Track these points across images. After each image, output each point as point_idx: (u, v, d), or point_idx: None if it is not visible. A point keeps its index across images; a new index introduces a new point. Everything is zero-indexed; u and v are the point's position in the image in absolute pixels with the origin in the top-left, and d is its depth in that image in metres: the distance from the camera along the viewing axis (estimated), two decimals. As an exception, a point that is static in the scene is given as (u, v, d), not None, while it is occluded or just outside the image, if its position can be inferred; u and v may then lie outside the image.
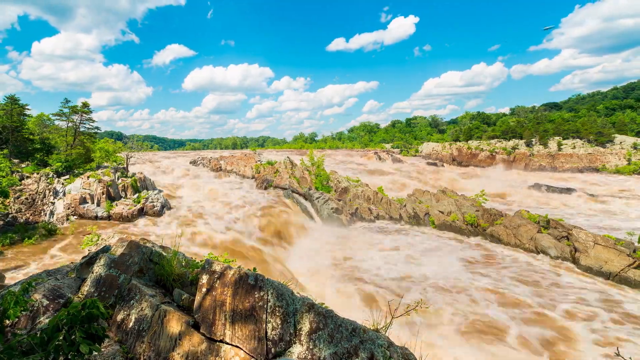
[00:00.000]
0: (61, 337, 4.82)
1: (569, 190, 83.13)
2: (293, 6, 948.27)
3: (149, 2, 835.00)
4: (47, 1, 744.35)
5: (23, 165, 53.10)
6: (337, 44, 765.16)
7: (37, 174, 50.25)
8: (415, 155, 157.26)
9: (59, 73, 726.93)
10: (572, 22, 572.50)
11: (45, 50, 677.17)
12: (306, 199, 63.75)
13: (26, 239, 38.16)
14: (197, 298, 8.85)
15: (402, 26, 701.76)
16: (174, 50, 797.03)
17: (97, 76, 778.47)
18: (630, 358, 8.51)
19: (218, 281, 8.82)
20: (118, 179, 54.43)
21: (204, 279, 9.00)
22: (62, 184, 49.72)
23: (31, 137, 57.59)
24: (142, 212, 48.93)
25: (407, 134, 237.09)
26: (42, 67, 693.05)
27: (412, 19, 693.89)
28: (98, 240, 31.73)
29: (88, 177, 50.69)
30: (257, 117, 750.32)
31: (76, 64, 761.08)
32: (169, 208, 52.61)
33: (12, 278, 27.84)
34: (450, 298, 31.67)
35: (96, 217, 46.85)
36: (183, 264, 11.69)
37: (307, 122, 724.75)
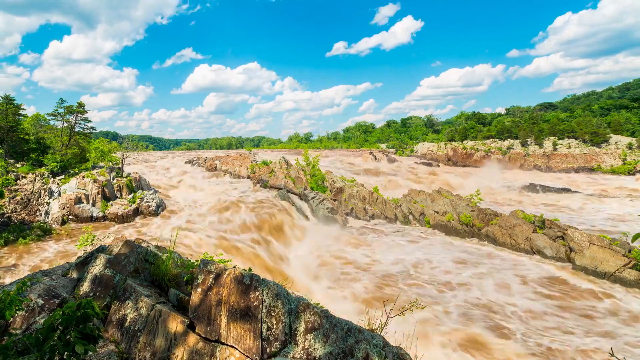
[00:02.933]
0: (56, 337, 4.82)
1: (564, 190, 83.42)
2: (298, 8, 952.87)
3: (168, 8, 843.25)
4: (74, 9, 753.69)
5: (18, 165, 53.01)
6: (338, 47, 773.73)
7: (33, 174, 50.18)
8: (411, 155, 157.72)
9: (71, 75, 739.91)
10: (559, 28, 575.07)
11: (62, 54, 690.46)
12: (301, 199, 63.78)
13: (21, 239, 38.12)
14: (193, 298, 8.85)
15: (401, 30, 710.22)
16: (185, 55, 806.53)
17: (105, 78, 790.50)
18: (624, 358, 8.51)
19: (213, 281, 8.82)
20: (113, 179, 54.40)
21: (200, 279, 8.99)
22: (58, 184, 49.68)
23: (26, 137, 57.54)
24: (137, 212, 48.93)
25: (402, 134, 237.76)
26: (58, 70, 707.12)
27: (411, 23, 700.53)
28: (93, 240, 31.67)
29: (83, 177, 50.65)
30: (255, 117, 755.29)
31: (92, 67, 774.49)
32: (164, 208, 52.61)
33: (7, 278, 27.80)
34: (445, 299, 31.76)
35: (91, 217, 46.81)
36: (178, 264, 11.68)
37: (306, 122, 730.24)
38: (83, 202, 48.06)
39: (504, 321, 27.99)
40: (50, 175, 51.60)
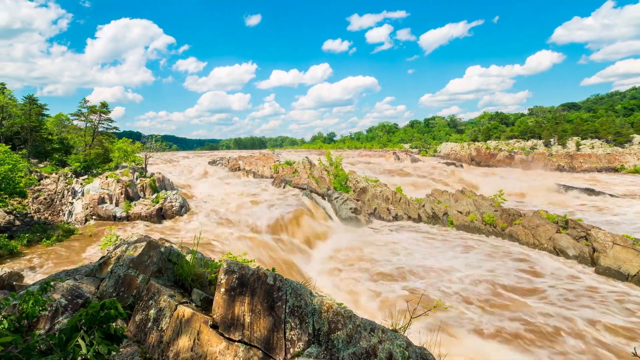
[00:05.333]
0: (80, 338, 4.80)
1: (588, 191, 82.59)
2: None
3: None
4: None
5: (41, 165, 53.48)
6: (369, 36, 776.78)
7: (56, 174, 50.57)
8: (434, 156, 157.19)
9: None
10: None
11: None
12: (325, 199, 63.77)
13: (44, 239, 38.31)
14: (216, 298, 8.84)
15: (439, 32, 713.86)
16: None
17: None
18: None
19: (237, 281, 8.81)
20: (137, 179, 54.65)
21: (223, 279, 8.98)
22: (81, 184, 50.01)
23: (50, 137, 57.97)
24: (160, 212, 49.08)
25: (425, 134, 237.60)
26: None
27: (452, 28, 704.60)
28: (116, 240, 31.84)
29: (107, 177, 50.96)
30: (272, 115, 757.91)
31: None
32: (188, 208, 52.78)
33: (31, 278, 28.02)
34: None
35: (115, 217, 47.06)
36: (202, 264, 11.72)
37: (325, 120, 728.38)
38: (106, 202, 48.36)
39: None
40: (73, 176, 51.94)
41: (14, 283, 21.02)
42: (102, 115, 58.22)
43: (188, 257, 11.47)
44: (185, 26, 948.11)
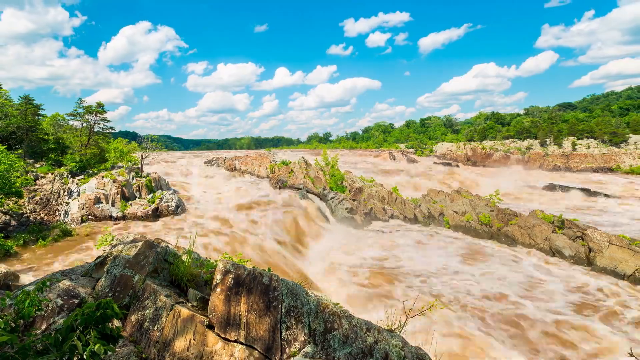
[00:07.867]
0: (75, 338, 4.80)
1: (583, 191, 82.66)
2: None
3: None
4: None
5: (37, 165, 53.39)
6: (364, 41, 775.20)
7: (52, 174, 50.50)
8: (430, 156, 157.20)
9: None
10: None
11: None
12: (321, 199, 63.62)
13: (40, 239, 38.20)
14: (212, 298, 8.83)
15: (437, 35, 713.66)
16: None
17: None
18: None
19: (233, 281, 8.80)
20: (133, 179, 54.56)
21: (219, 279, 8.98)
22: (77, 184, 49.90)
23: (46, 137, 57.85)
24: (156, 212, 49.03)
25: (421, 134, 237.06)
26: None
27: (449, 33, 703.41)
28: (112, 240, 31.72)
29: (102, 177, 50.84)
30: (271, 115, 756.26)
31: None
32: (184, 208, 52.71)
33: (27, 278, 27.97)
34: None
35: (111, 217, 47.00)
36: (197, 264, 11.70)
37: (323, 120, 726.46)
38: (102, 202, 48.27)
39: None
40: (69, 176, 51.84)
41: (10, 283, 20.96)
42: (98, 115, 58.14)
43: (184, 257, 11.45)
44: (195, 31, 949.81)
